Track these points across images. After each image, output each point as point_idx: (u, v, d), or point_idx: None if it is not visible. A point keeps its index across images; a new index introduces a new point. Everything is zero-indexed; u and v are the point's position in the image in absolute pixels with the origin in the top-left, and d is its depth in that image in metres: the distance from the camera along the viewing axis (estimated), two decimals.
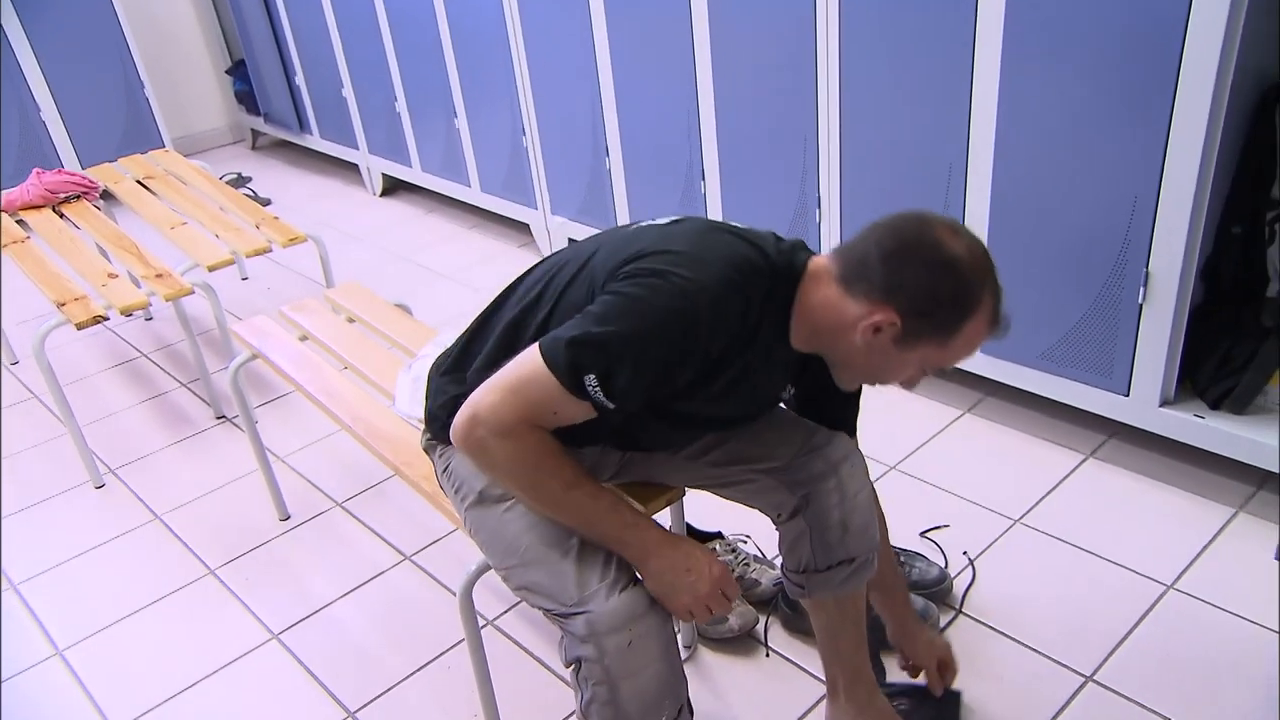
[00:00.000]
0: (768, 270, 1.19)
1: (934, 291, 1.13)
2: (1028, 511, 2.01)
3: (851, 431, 1.46)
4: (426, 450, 1.47)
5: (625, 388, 1.13)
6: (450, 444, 1.30)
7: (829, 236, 2.41)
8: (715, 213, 2.67)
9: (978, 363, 2.25)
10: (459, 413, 1.20)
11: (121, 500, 2.35)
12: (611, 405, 1.14)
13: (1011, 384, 2.23)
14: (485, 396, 1.17)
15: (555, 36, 2.88)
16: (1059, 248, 1.98)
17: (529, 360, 1.15)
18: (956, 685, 1.59)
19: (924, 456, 2.22)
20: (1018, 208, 2.02)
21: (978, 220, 2.09)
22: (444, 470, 1.41)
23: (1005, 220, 2.05)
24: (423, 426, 1.46)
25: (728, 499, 1.46)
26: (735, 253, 1.18)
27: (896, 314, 1.14)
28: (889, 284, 1.14)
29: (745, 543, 1.95)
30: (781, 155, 2.42)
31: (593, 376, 1.12)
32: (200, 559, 2.14)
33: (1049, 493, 2.06)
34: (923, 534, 1.97)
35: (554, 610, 1.23)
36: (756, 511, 1.44)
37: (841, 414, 1.44)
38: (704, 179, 2.65)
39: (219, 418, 2.64)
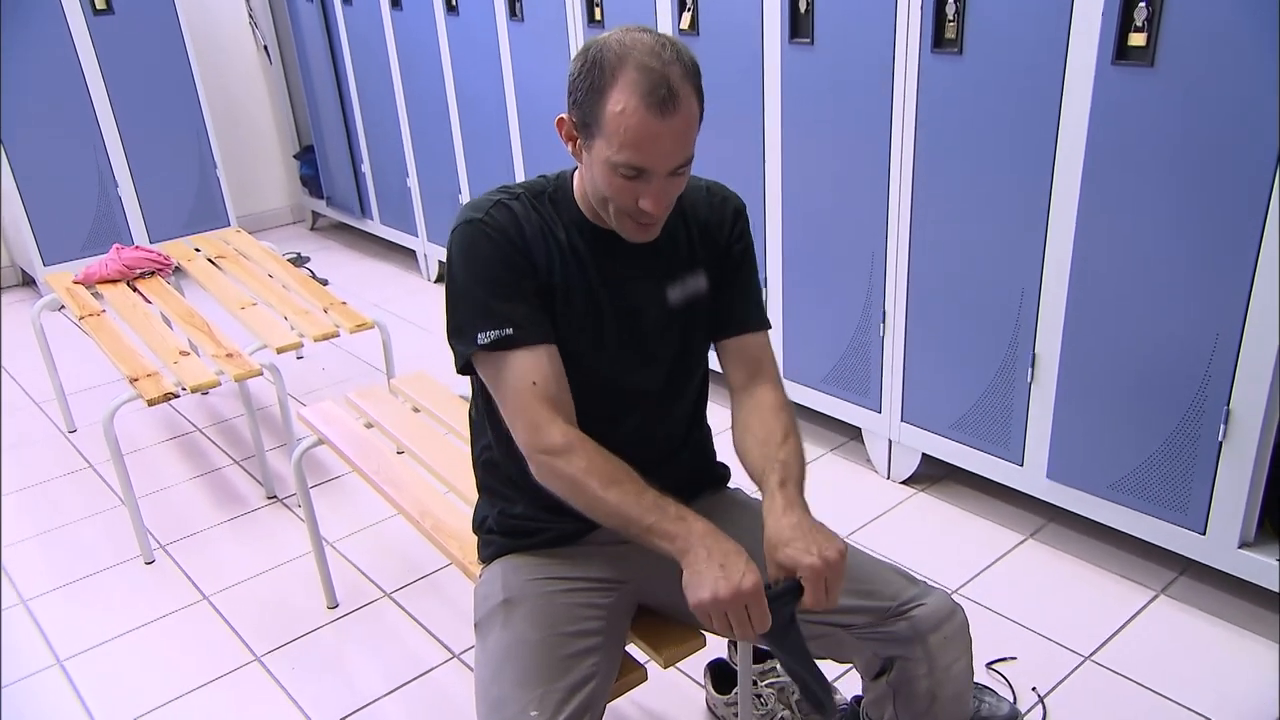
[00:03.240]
0: (531, 183, 1.33)
1: (576, 75, 1.18)
2: (1098, 649, 1.95)
3: (756, 324, 1.40)
4: None
5: (493, 311, 1.24)
6: (484, 562, 1.45)
7: (892, 352, 2.41)
8: (775, 320, 2.68)
9: (1040, 486, 2.21)
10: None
11: (171, 578, 2.34)
12: (510, 330, 1.24)
13: (1076, 511, 2.18)
14: (515, 434, 1.27)
15: None
16: (1134, 379, 1.96)
17: (487, 380, 1.29)
18: None
19: (986, 582, 2.17)
20: (1092, 336, 2.01)
21: (1049, 345, 2.08)
22: None
23: (1078, 347, 2.04)
24: None
25: None
26: (501, 186, 1.32)
27: (566, 114, 1.22)
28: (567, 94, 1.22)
29: None
30: (848, 268, 2.45)
31: (476, 333, 1.24)
32: (246, 644, 2.11)
33: (1120, 629, 1.99)
34: (989, 665, 1.91)
35: None
36: None
37: (740, 308, 1.40)
38: (765, 285, 2.67)
39: (270, 498, 2.64)
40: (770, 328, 1.44)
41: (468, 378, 1.36)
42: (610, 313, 1.32)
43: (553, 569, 1.37)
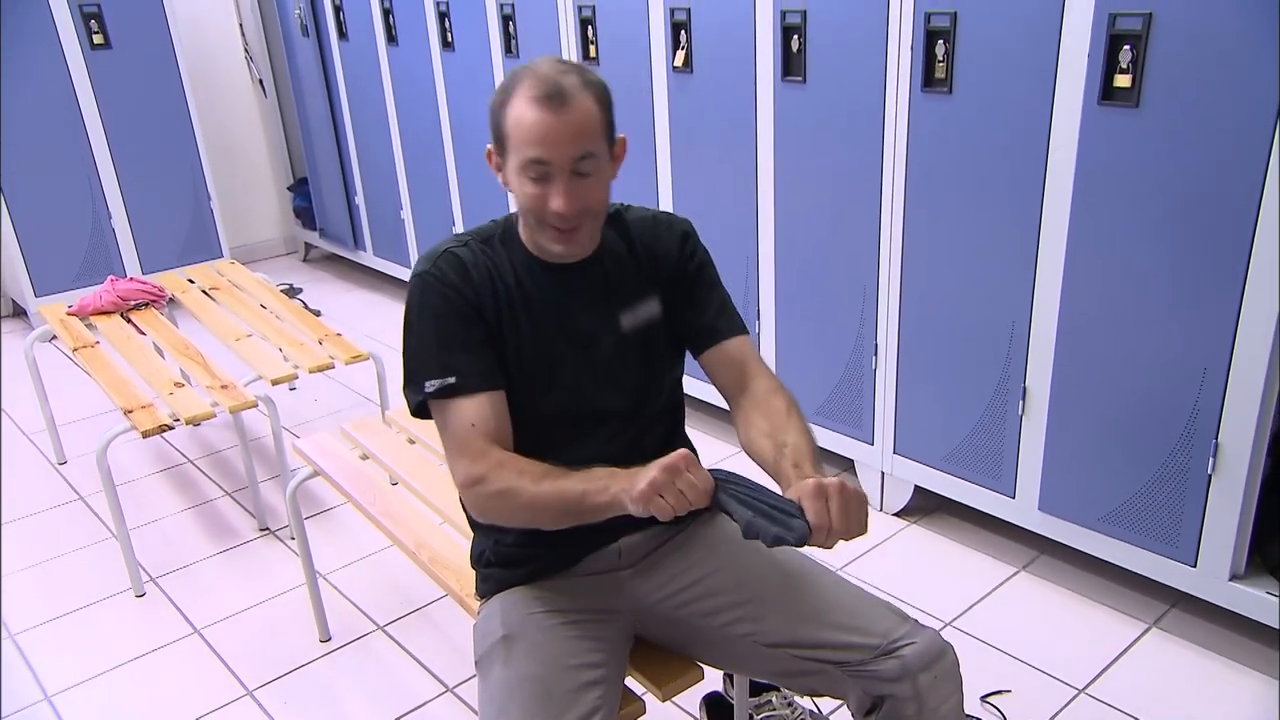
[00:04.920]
0: (481, 228, 1.40)
1: (490, 104, 1.29)
2: (1092, 681, 1.95)
3: (728, 330, 1.43)
4: None
5: (438, 360, 1.30)
6: (483, 598, 1.46)
7: (885, 385, 2.44)
8: (769, 353, 2.71)
9: (1032, 519, 2.23)
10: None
11: (162, 611, 2.32)
12: (453, 379, 1.29)
13: (1068, 544, 2.20)
14: (454, 478, 1.32)
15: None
16: (1123, 412, 1.99)
17: (437, 426, 1.34)
18: None
19: (979, 614, 2.17)
20: (1081, 370, 2.04)
21: (1040, 379, 2.11)
22: None
23: (1067, 381, 2.06)
24: None
25: (793, 689, 1.41)
26: (453, 235, 1.40)
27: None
28: None
29: (802, 698, 1.89)
30: (840, 302, 2.47)
31: (424, 381, 1.30)
32: (238, 678, 2.09)
33: (1113, 662, 2.00)
34: (984, 699, 1.91)
35: None
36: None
37: (709, 320, 1.43)
38: (759, 319, 2.70)
39: (262, 529, 2.63)
40: (746, 332, 1.46)
41: None
42: (564, 344, 1.37)
43: (550, 602, 1.37)
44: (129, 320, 2.89)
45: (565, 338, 1.36)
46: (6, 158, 3.80)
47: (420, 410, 1.34)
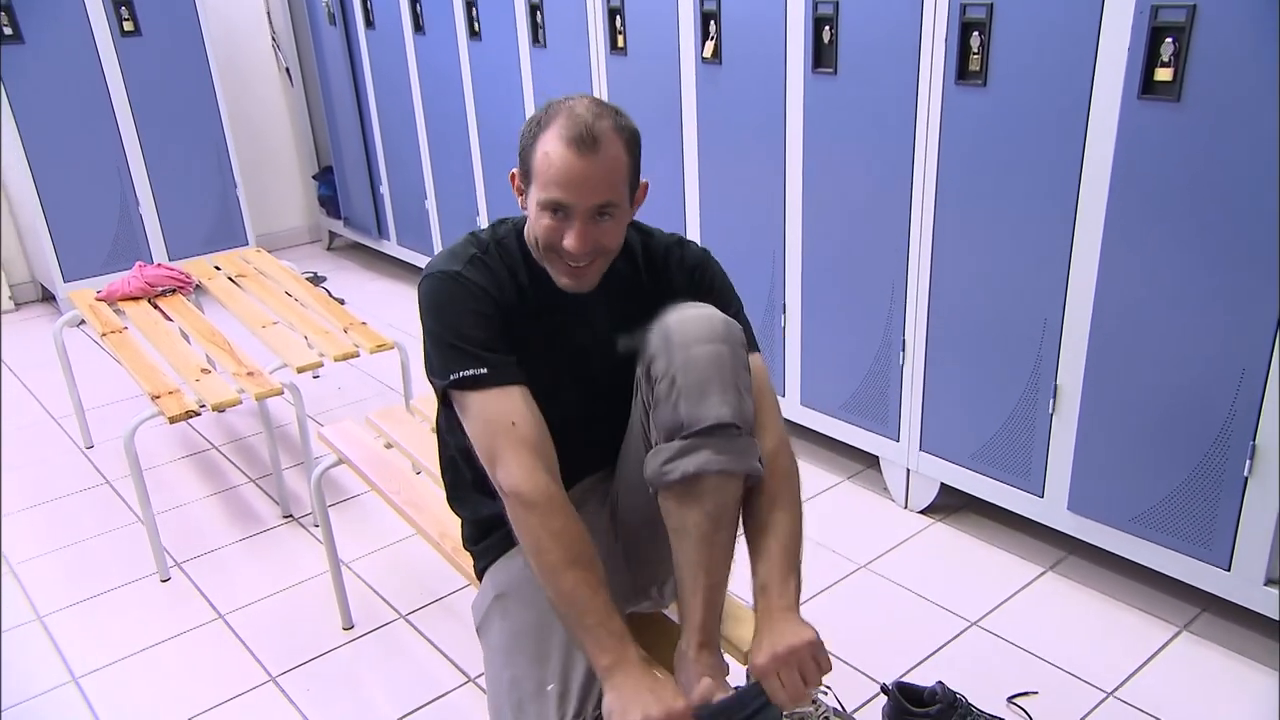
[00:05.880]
0: (495, 233, 1.39)
1: (522, 132, 1.30)
2: (1121, 685, 1.92)
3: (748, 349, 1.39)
4: None
5: (469, 352, 1.28)
6: (479, 578, 1.48)
7: (912, 380, 2.41)
8: (794, 347, 2.69)
9: (1061, 519, 2.20)
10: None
11: (186, 596, 2.34)
12: (485, 370, 1.27)
13: (1097, 544, 2.17)
14: (494, 472, 1.26)
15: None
16: (1157, 412, 1.96)
17: (461, 413, 1.30)
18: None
19: (1006, 614, 2.15)
20: (1115, 367, 2.00)
21: (1072, 376, 2.08)
22: None
23: (1101, 379, 2.03)
24: None
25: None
26: (469, 237, 1.40)
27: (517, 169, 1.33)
28: None
29: (825, 694, 1.88)
30: (868, 295, 2.45)
31: (457, 370, 1.28)
32: (261, 664, 2.10)
33: (1142, 666, 1.97)
34: (1010, 700, 1.89)
35: None
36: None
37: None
38: (784, 312, 2.68)
39: (286, 517, 2.64)
40: (760, 352, 1.43)
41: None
42: (562, 356, 1.39)
43: None
44: (156, 306, 2.90)
45: (563, 350, 1.39)
46: (38, 143, 3.84)
47: (447, 397, 1.34)
